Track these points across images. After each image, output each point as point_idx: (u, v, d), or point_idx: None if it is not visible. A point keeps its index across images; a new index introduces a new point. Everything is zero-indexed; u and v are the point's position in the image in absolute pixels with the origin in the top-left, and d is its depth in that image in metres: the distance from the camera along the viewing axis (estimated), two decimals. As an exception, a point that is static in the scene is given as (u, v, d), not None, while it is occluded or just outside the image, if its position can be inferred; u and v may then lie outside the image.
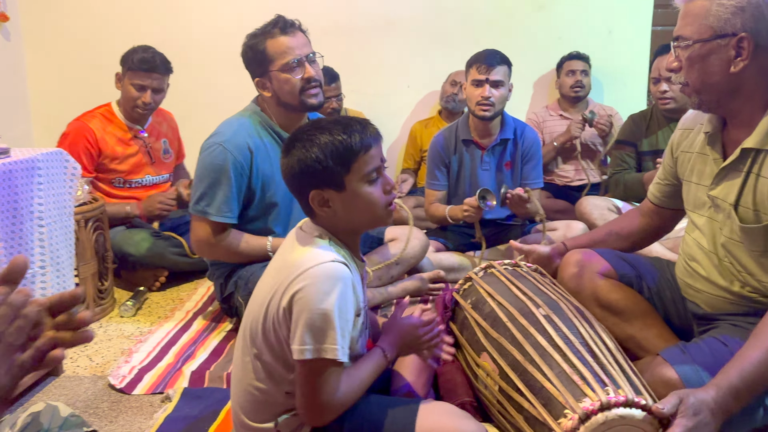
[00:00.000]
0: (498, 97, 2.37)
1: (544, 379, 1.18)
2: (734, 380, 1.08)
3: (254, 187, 1.91)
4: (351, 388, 1.16)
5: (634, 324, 1.50)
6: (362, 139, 1.17)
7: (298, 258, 1.16)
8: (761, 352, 1.10)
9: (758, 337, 1.12)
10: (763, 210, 1.28)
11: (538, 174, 2.57)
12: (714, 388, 1.08)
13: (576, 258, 1.60)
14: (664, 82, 2.57)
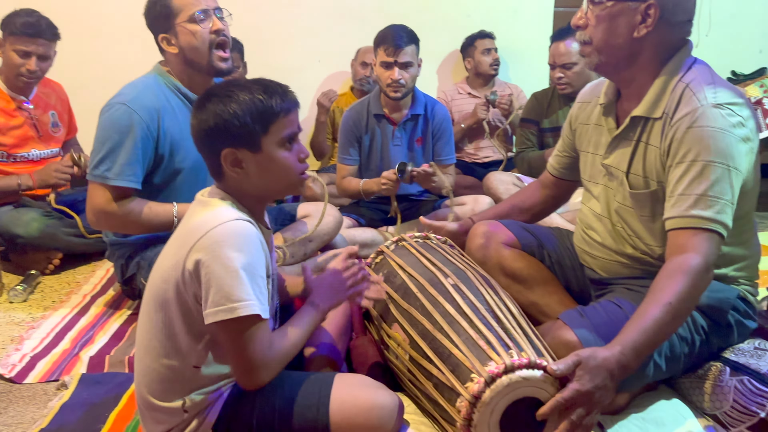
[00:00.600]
0: (408, 78, 2.38)
1: (452, 345, 1.21)
2: (636, 337, 1.14)
3: (162, 151, 1.78)
4: (285, 343, 1.15)
5: (537, 291, 1.56)
6: (283, 101, 1.15)
7: (200, 220, 1.12)
8: (658, 309, 1.16)
9: (655, 294, 1.18)
10: (650, 177, 1.37)
11: (451, 150, 2.61)
12: (618, 345, 1.13)
13: (482, 230, 1.64)
14: (559, 69, 2.67)
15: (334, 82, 3.52)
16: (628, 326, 1.16)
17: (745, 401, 1.26)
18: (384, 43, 2.37)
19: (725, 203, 1.23)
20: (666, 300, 1.16)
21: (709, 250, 1.21)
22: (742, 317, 1.41)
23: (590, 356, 1.09)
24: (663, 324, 1.15)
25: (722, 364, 1.35)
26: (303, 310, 1.24)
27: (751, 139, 1.28)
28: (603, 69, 1.40)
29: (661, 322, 1.15)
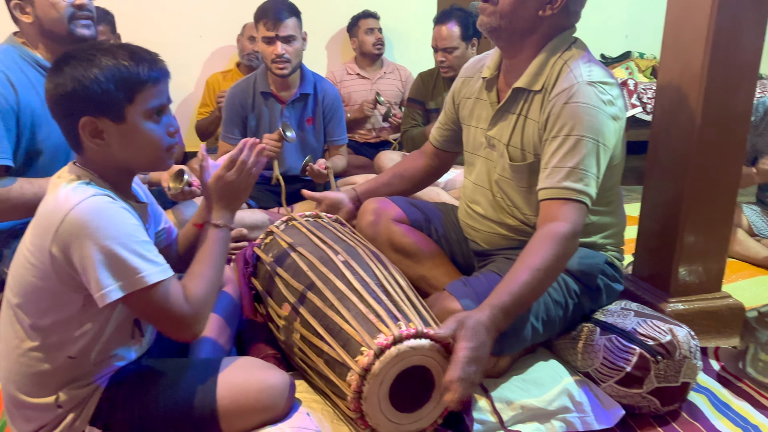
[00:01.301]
0: (292, 52, 2.32)
1: (342, 321, 1.21)
2: (505, 299, 1.19)
3: (23, 127, 1.62)
4: (201, 287, 1.10)
5: (425, 264, 1.60)
6: (151, 69, 1.07)
7: (51, 207, 1.03)
8: (526, 272, 1.22)
9: (523, 260, 1.25)
10: (528, 149, 1.44)
11: (343, 130, 2.60)
12: (488, 307, 1.18)
13: (372, 207, 1.65)
14: (441, 52, 2.72)
15: (219, 58, 3.39)
16: (498, 289, 1.21)
17: (613, 357, 1.36)
18: (264, 17, 2.30)
19: (592, 176, 1.32)
20: (534, 265, 1.22)
21: (577, 220, 1.29)
22: (610, 281, 1.53)
23: (467, 317, 1.14)
24: (530, 287, 1.22)
25: (593, 325, 1.45)
26: (205, 235, 1.18)
27: (620, 117, 1.38)
28: (496, 33, 1.42)
29: (529, 285, 1.21)
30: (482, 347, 1.12)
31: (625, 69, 3.59)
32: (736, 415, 1.41)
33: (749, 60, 1.58)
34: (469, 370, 1.08)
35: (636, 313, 1.44)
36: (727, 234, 1.70)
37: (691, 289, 1.68)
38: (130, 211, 1.07)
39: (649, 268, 1.78)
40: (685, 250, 1.65)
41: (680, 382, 1.34)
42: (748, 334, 1.52)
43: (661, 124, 1.71)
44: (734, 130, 1.61)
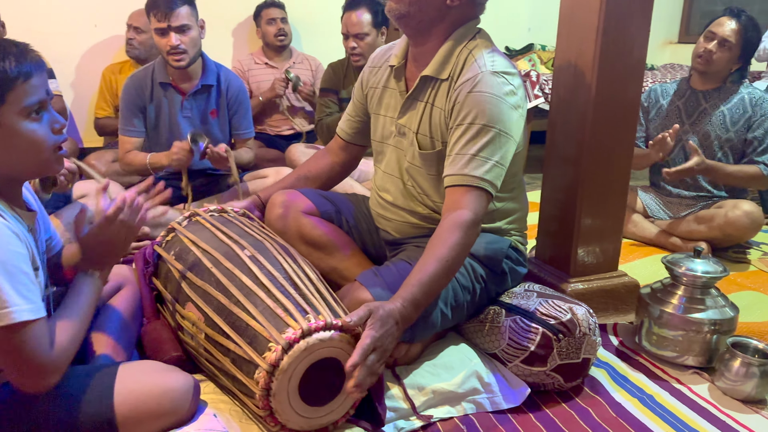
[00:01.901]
0: (188, 42, 2.22)
1: (249, 318, 1.18)
2: (415, 291, 1.21)
3: None
4: (66, 335, 1.02)
5: (336, 256, 1.59)
6: (20, 64, 0.98)
7: None
8: (434, 263, 1.24)
9: (432, 250, 1.27)
10: (436, 137, 1.45)
11: (249, 123, 2.52)
12: (399, 299, 1.19)
13: (281, 199, 1.62)
14: (352, 38, 2.70)
15: (116, 49, 3.21)
16: (408, 280, 1.23)
17: (518, 338, 1.41)
18: (154, 7, 2.18)
19: (494, 164, 1.35)
20: (441, 255, 1.24)
21: (478, 207, 1.32)
22: (515, 264, 1.58)
23: (378, 307, 1.14)
24: (439, 276, 1.24)
25: (499, 307, 1.49)
26: (76, 282, 1.10)
27: (521, 107, 1.41)
28: (405, 20, 1.42)
29: (438, 275, 1.23)
30: (388, 337, 1.13)
31: (528, 61, 3.72)
32: (633, 386, 1.49)
33: (637, 50, 1.67)
34: (372, 358, 1.09)
35: (538, 294, 1.50)
36: (621, 216, 1.80)
37: (589, 270, 1.77)
38: (17, 232, 0.98)
39: (550, 251, 1.85)
40: (582, 232, 1.73)
41: (581, 358, 1.41)
42: (643, 310, 1.62)
43: (557, 113, 1.78)
44: (625, 117, 1.70)
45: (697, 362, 1.54)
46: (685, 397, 1.45)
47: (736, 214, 2.25)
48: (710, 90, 2.37)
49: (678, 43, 4.92)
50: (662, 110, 2.48)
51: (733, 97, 2.33)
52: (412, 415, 1.31)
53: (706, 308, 1.53)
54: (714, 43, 2.28)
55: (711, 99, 2.36)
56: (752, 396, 1.43)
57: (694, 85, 2.41)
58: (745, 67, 2.36)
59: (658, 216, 2.52)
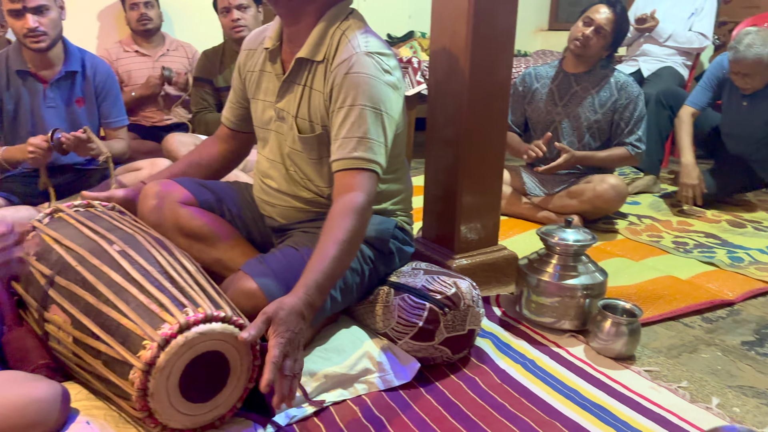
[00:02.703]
0: (48, 23, 2.04)
1: (120, 316, 1.10)
2: (318, 277, 1.18)
3: None
4: None
5: (219, 247, 1.52)
6: None
7: None
8: (333, 247, 1.22)
9: (329, 234, 1.24)
10: (315, 121, 1.43)
11: (120, 111, 2.36)
12: (302, 288, 1.16)
13: (155, 190, 1.53)
14: (234, 10, 2.60)
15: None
16: (309, 267, 1.20)
17: (407, 315, 1.43)
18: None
19: (380, 144, 1.35)
20: (339, 237, 1.23)
21: (370, 188, 1.32)
22: (402, 244, 1.60)
23: (278, 308, 1.09)
24: (339, 260, 1.22)
25: (388, 287, 1.51)
26: None
27: (398, 87, 1.42)
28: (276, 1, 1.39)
29: (338, 258, 1.22)
30: (297, 336, 1.10)
31: (409, 48, 3.78)
32: (516, 353, 1.57)
33: (505, 35, 1.73)
34: (288, 364, 1.05)
35: (425, 271, 1.53)
36: (499, 193, 1.88)
37: (472, 246, 1.84)
38: None
39: (436, 230, 1.90)
40: (464, 210, 1.79)
41: (467, 329, 1.45)
42: (522, 280, 1.70)
43: (435, 96, 1.82)
44: (497, 99, 1.77)
45: (572, 326, 1.65)
46: (563, 359, 1.54)
47: (603, 188, 2.42)
48: (581, 73, 2.52)
49: (548, 30, 5.21)
50: (537, 93, 2.61)
51: (602, 80, 2.50)
52: (304, 401, 1.29)
53: (578, 274, 1.63)
54: (591, 29, 2.43)
55: (582, 82, 2.51)
56: (623, 353, 1.54)
57: (567, 68, 2.56)
58: (612, 54, 2.54)
59: (534, 193, 2.66)
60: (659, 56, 3.79)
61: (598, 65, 2.51)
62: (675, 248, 2.36)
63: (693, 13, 3.76)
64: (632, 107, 2.45)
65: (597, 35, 2.42)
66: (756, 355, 1.60)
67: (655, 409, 1.34)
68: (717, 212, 2.87)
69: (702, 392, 1.42)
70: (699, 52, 3.86)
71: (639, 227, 2.61)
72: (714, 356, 1.59)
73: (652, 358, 1.57)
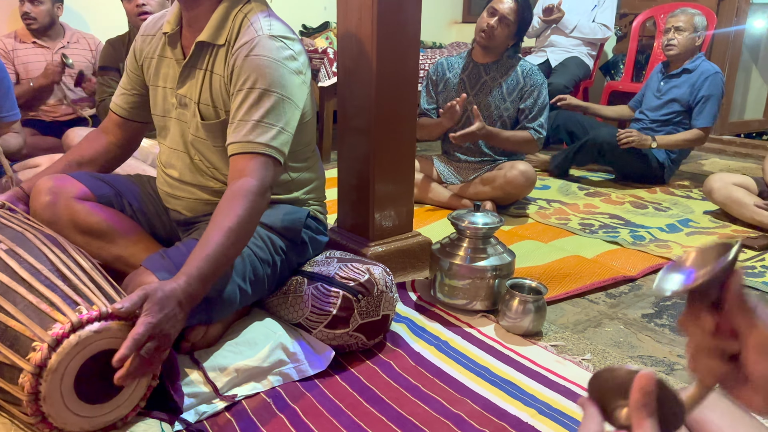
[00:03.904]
0: None
1: (7, 318, 1.03)
2: (201, 265, 1.14)
3: None
4: None
5: (119, 243, 1.45)
6: None
7: None
8: (219, 234, 1.18)
9: (215, 221, 1.21)
10: (219, 106, 1.39)
11: (12, 104, 2.21)
12: (184, 276, 1.12)
13: (47, 185, 1.44)
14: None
15: None
16: (193, 255, 1.16)
17: (320, 304, 1.42)
18: None
19: (279, 130, 1.33)
20: (227, 225, 1.19)
21: (265, 174, 1.29)
22: (315, 234, 1.58)
23: (157, 289, 1.06)
24: (225, 248, 1.18)
25: (301, 277, 1.49)
26: None
27: (303, 72, 1.40)
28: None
29: (224, 247, 1.18)
30: (168, 321, 1.05)
31: (325, 39, 3.76)
32: (431, 335, 1.59)
33: (411, 23, 1.75)
34: (149, 346, 1.01)
35: (339, 259, 1.53)
36: (412, 180, 1.90)
37: (387, 233, 1.85)
38: None
39: (351, 219, 1.90)
40: (377, 198, 1.80)
41: (381, 315, 1.46)
42: (435, 265, 1.73)
43: (345, 84, 1.82)
44: (406, 88, 1.79)
45: (483, 306, 1.69)
46: (475, 339, 1.58)
47: (513, 174, 2.50)
48: (490, 63, 2.59)
49: (462, 23, 5.32)
50: (449, 83, 2.66)
51: (509, 70, 2.57)
52: (215, 397, 1.26)
53: (488, 256, 1.68)
54: (495, 19, 2.49)
55: (491, 72, 2.58)
56: (530, 330, 1.60)
57: (476, 58, 2.62)
58: (518, 43, 2.61)
59: (450, 181, 2.72)
60: (566, 47, 3.96)
61: (505, 55, 2.58)
62: (581, 230, 2.48)
63: (596, 5, 3.95)
64: (536, 94, 2.54)
65: (501, 24, 2.49)
66: (655, 327, 1.71)
67: (560, 381, 1.40)
68: (621, 194, 3.03)
69: (604, 363, 1.50)
70: (603, 42, 4.06)
71: (548, 211, 2.72)
72: (617, 329, 1.68)
73: (558, 333, 1.63)
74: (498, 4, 2.51)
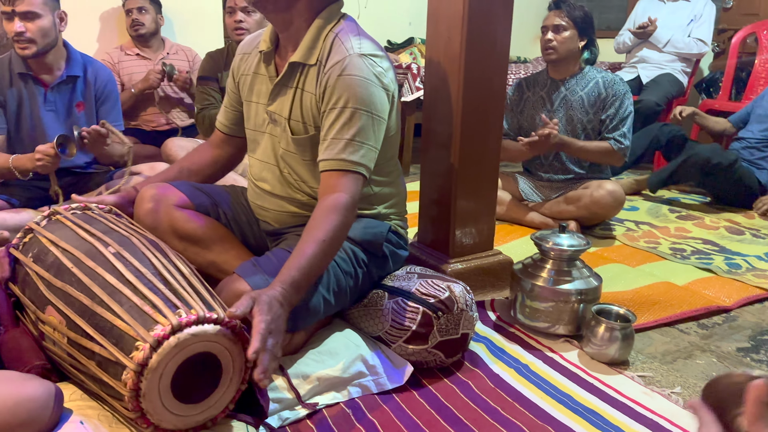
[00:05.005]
0: (36, 30, 2.05)
1: (114, 317, 1.11)
2: (294, 274, 1.20)
3: None
4: None
5: (214, 249, 1.53)
6: None
7: None
8: (312, 245, 1.24)
9: (309, 233, 1.27)
10: (308, 122, 1.45)
11: (118, 115, 2.39)
12: (279, 284, 1.18)
13: (151, 193, 1.54)
14: (239, 12, 2.62)
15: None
16: (287, 265, 1.22)
17: (400, 319, 1.44)
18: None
19: (369, 147, 1.37)
20: (320, 237, 1.25)
21: (355, 190, 1.34)
22: (396, 248, 1.60)
23: (260, 293, 1.13)
24: (318, 260, 1.24)
25: (382, 291, 1.51)
26: None
27: (390, 89, 1.44)
28: (262, 5, 1.41)
29: (316, 258, 1.24)
30: (279, 319, 1.12)
31: (409, 54, 3.80)
32: (510, 357, 1.57)
33: (500, 42, 1.75)
34: (271, 342, 1.08)
35: (419, 275, 1.54)
36: (494, 198, 1.88)
37: (467, 250, 1.84)
38: None
39: (431, 234, 1.90)
40: (459, 215, 1.80)
41: (460, 333, 1.46)
42: (516, 285, 1.70)
43: (430, 101, 1.83)
44: (492, 105, 1.78)
45: (566, 330, 1.65)
46: (557, 364, 1.55)
47: (600, 194, 2.43)
48: (568, 77, 2.54)
49: (548, 38, 5.21)
50: (529, 101, 2.63)
51: (589, 81, 2.51)
52: (297, 404, 1.30)
53: (572, 279, 1.63)
54: (549, 33, 2.46)
55: (570, 86, 2.53)
56: (616, 358, 1.55)
57: (553, 75, 2.58)
58: (592, 43, 2.53)
59: (532, 199, 2.67)
60: (658, 62, 3.81)
61: (581, 64, 2.53)
62: (672, 254, 2.36)
63: (692, 20, 3.77)
64: (618, 104, 2.46)
65: (557, 34, 2.46)
66: (751, 362, 1.61)
67: (647, 414, 1.35)
68: (715, 219, 2.87)
69: (695, 398, 1.42)
70: (698, 58, 3.87)
71: (636, 233, 2.62)
72: (709, 362, 1.60)
73: (646, 363, 1.57)
74: (546, 21, 2.51)
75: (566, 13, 2.46)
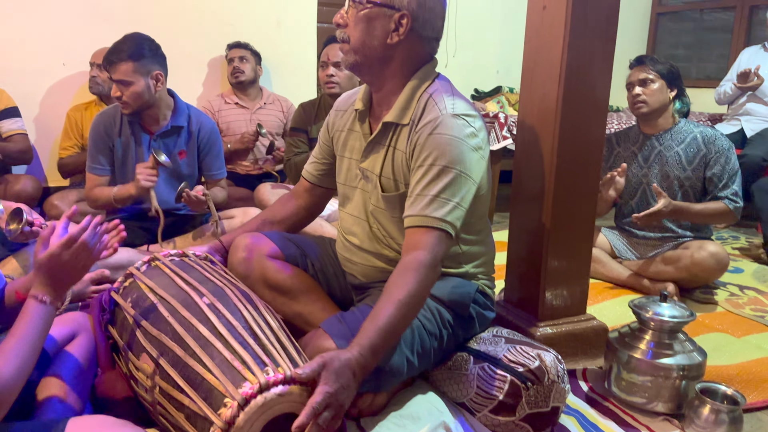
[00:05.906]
0: (129, 95, 2.19)
1: (204, 371, 1.13)
2: (372, 337, 1.17)
3: None
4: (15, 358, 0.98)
5: (301, 300, 1.55)
6: None
7: None
8: (391, 306, 1.21)
9: (388, 293, 1.24)
10: (399, 179, 1.45)
11: (221, 164, 2.52)
12: (357, 347, 1.15)
13: (245, 242, 1.58)
14: (331, 66, 2.71)
15: (74, 84, 3.17)
16: (366, 326, 1.19)
17: (486, 386, 1.38)
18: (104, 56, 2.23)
19: (455, 205, 1.34)
20: (398, 298, 1.21)
21: (438, 247, 1.31)
22: (482, 309, 1.56)
23: (334, 358, 1.10)
24: (396, 321, 1.20)
25: (467, 354, 1.47)
26: (26, 308, 1.06)
27: (482, 148, 1.42)
28: (357, 68, 1.45)
29: (395, 319, 1.20)
30: (344, 391, 1.08)
31: (496, 103, 3.78)
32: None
33: (599, 94, 1.69)
34: (325, 416, 1.04)
35: (506, 339, 1.48)
36: (588, 258, 1.80)
37: (557, 313, 1.76)
38: None
39: (518, 293, 1.84)
40: (549, 274, 1.72)
41: (550, 406, 1.38)
42: (611, 355, 1.60)
43: (522, 155, 1.79)
44: (588, 159, 1.72)
45: (666, 408, 1.52)
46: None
47: (702, 255, 2.27)
48: (662, 132, 2.43)
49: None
50: (620, 156, 2.53)
51: (686, 136, 2.39)
52: (377, 468, 1.26)
53: (674, 353, 1.52)
54: (637, 88, 2.37)
55: (665, 141, 2.42)
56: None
57: (645, 130, 2.48)
58: (682, 93, 2.42)
59: (626, 257, 2.54)
60: (764, 116, 3.59)
61: (675, 116, 2.42)
62: (784, 326, 2.16)
63: (803, 71, 3.54)
64: (723, 160, 2.31)
65: (645, 87, 2.37)
66: None
67: None
68: (834, 287, 2.61)
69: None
70: (810, 112, 3.61)
71: (741, 299, 2.42)
72: (832, 454, 1.42)
73: (758, 452, 1.42)
74: (629, 78, 2.45)
75: (650, 66, 2.39)
